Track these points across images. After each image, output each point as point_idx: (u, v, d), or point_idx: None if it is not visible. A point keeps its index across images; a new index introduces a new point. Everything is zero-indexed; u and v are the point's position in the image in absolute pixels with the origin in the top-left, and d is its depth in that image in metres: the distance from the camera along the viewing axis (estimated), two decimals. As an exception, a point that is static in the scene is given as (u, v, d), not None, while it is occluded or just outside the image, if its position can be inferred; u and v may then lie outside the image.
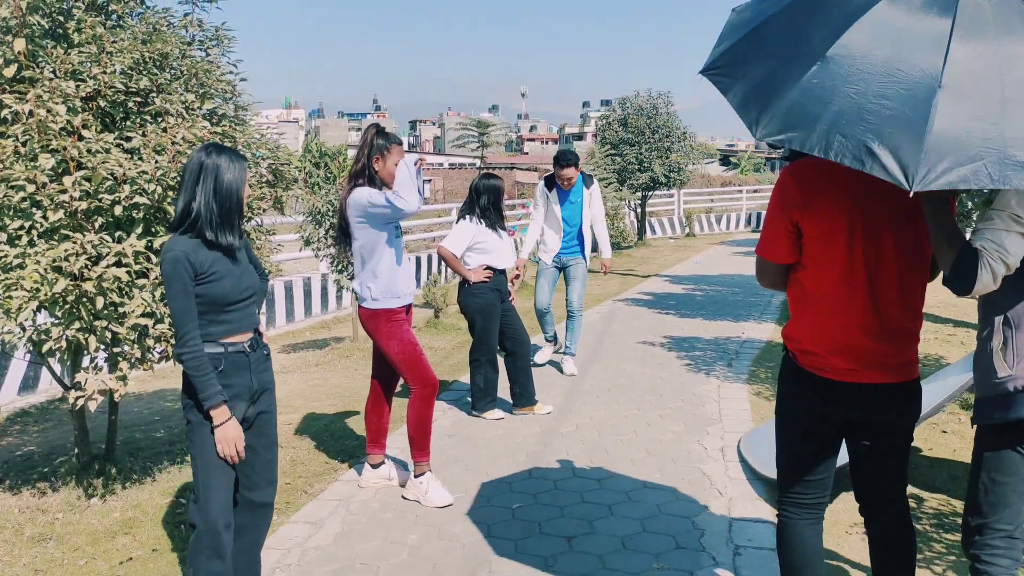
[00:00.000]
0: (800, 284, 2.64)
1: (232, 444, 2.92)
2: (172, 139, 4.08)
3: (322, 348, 8.92)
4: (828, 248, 2.51)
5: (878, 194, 2.45)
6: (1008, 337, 2.40)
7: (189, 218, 2.95)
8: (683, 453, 5.16)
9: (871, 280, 2.50)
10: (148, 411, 6.51)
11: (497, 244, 6.03)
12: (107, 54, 4.16)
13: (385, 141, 4.37)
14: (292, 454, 5.25)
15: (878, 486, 2.72)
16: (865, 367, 2.54)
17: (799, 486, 2.75)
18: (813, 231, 2.52)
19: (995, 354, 2.42)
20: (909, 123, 1.95)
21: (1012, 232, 2.24)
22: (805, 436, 2.71)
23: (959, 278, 2.27)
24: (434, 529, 4.12)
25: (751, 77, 2.23)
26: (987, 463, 2.46)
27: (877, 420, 2.61)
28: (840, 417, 2.64)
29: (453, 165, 67.21)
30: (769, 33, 2.28)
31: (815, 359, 2.60)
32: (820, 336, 2.58)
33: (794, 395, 2.73)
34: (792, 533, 2.77)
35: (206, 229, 2.94)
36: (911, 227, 2.48)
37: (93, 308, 3.81)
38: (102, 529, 4.10)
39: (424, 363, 4.46)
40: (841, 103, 2.03)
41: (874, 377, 2.55)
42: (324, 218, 8.52)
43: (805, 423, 2.70)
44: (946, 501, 4.33)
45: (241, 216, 3.07)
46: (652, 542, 3.93)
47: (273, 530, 4.07)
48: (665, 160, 20.12)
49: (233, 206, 2.99)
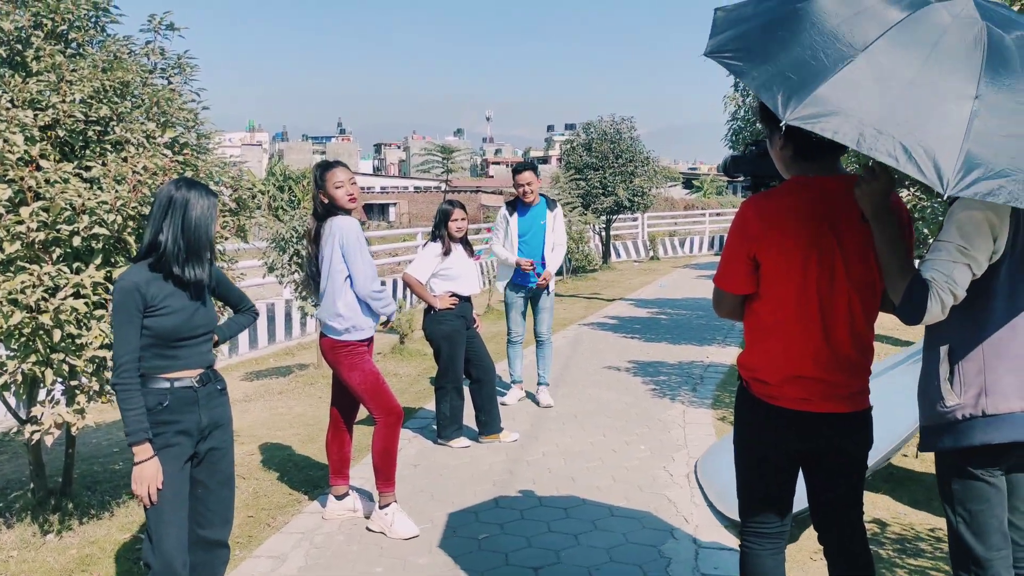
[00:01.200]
0: (755, 314, 2.68)
1: (145, 485, 2.85)
2: (133, 168, 4.03)
3: (286, 375, 8.82)
4: (784, 280, 2.56)
5: (835, 229, 2.50)
6: (955, 366, 2.42)
7: (156, 252, 2.92)
8: (649, 479, 5.16)
9: (824, 312, 2.54)
10: (107, 442, 6.38)
11: (462, 271, 6.03)
12: (66, 83, 4.11)
13: (322, 170, 4.45)
14: (255, 485, 5.18)
15: (834, 513, 2.74)
16: (817, 397, 2.58)
17: (759, 515, 2.77)
18: (769, 263, 2.56)
19: (943, 384, 2.44)
20: (944, 127, 2.03)
21: (959, 263, 2.28)
22: (760, 464, 2.73)
23: (911, 308, 2.32)
24: (400, 561, 4.07)
25: (776, 63, 2.22)
26: (957, 495, 2.48)
27: (830, 449, 2.65)
28: (793, 446, 2.67)
29: (419, 188, 67.19)
30: (797, 24, 2.28)
31: (769, 388, 2.64)
32: (773, 365, 2.63)
33: (748, 423, 2.76)
34: (755, 564, 2.78)
35: (173, 264, 2.92)
36: (864, 262, 2.52)
37: (50, 341, 3.73)
38: (58, 567, 3.99)
39: (387, 392, 4.43)
40: (878, 100, 2.08)
41: (826, 407, 2.59)
42: (288, 244, 8.46)
43: (760, 451, 2.73)
44: (909, 526, 4.38)
45: (211, 252, 3.04)
46: (619, 572, 3.92)
47: (235, 565, 4.00)
48: (629, 184, 20.31)
49: (201, 242, 2.96)
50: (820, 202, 2.52)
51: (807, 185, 2.55)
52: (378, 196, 56.65)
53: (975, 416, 2.38)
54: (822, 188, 2.53)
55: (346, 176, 4.40)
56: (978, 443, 2.37)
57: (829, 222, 2.48)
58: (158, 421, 2.92)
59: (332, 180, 4.37)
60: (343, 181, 4.37)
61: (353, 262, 4.34)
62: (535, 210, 7.01)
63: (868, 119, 2.05)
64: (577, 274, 19.27)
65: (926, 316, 2.30)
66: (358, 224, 4.42)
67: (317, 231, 4.44)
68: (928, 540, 4.19)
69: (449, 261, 5.99)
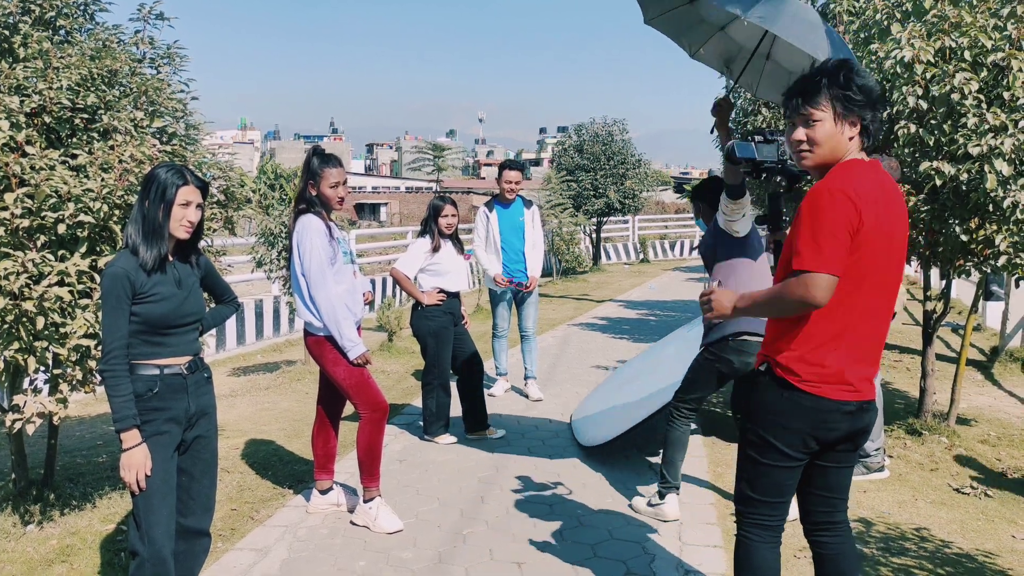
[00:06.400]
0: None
1: (134, 472, 2.84)
2: (120, 157, 4.00)
3: (273, 371, 8.78)
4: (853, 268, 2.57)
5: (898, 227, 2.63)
6: (721, 282, 3.86)
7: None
8: (634, 476, 5.16)
9: (883, 300, 2.65)
10: (90, 435, 6.34)
11: (451, 267, 6.02)
12: (54, 70, 4.07)
13: (319, 165, 4.33)
14: (239, 479, 5.15)
15: (833, 503, 2.78)
16: (865, 385, 2.63)
17: (768, 508, 2.74)
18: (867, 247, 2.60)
19: None
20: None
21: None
22: (785, 457, 2.67)
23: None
24: (383, 555, 4.05)
25: None
26: (699, 365, 4.39)
27: (849, 436, 2.67)
28: (832, 435, 2.63)
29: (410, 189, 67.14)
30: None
31: (822, 374, 2.59)
32: (834, 354, 2.60)
33: (779, 411, 2.66)
34: (757, 555, 2.76)
35: (137, 247, 2.91)
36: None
37: (33, 328, 3.70)
38: (38, 557, 3.96)
39: (372, 387, 4.39)
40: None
41: (869, 395, 2.64)
42: (277, 239, 8.42)
43: (788, 440, 2.65)
44: (894, 525, 4.38)
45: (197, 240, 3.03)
46: (603, 568, 3.91)
47: (217, 557, 3.98)
48: (620, 186, 20.34)
49: (154, 224, 2.93)
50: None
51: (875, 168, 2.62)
52: (369, 196, 56.57)
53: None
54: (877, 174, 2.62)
55: (342, 178, 4.37)
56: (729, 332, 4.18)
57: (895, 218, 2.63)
58: (148, 408, 2.91)
59: (329, 179, 4.30)
60: (339, 182, 4.34)
61: (307, 269, 4.22)
62: (513, 208, 7.18)
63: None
64: (567, 275, 19.27)
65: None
66: (323, 227, 4.26)
67: (292, 224, 4.38)
68: (912, 539, 4.20)
69: (438, 257, 5.98)
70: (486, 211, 7.20)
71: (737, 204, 4.15)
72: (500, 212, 7.15)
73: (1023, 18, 4.91)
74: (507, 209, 7.16)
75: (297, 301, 4.37)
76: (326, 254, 4.21)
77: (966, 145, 4.82)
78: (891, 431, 5.98)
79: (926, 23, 5.17)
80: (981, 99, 4.91)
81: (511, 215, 7.16)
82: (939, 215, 5.24)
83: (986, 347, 9.44)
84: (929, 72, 4.99)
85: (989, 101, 4.98)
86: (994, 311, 10.57)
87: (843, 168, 2.55)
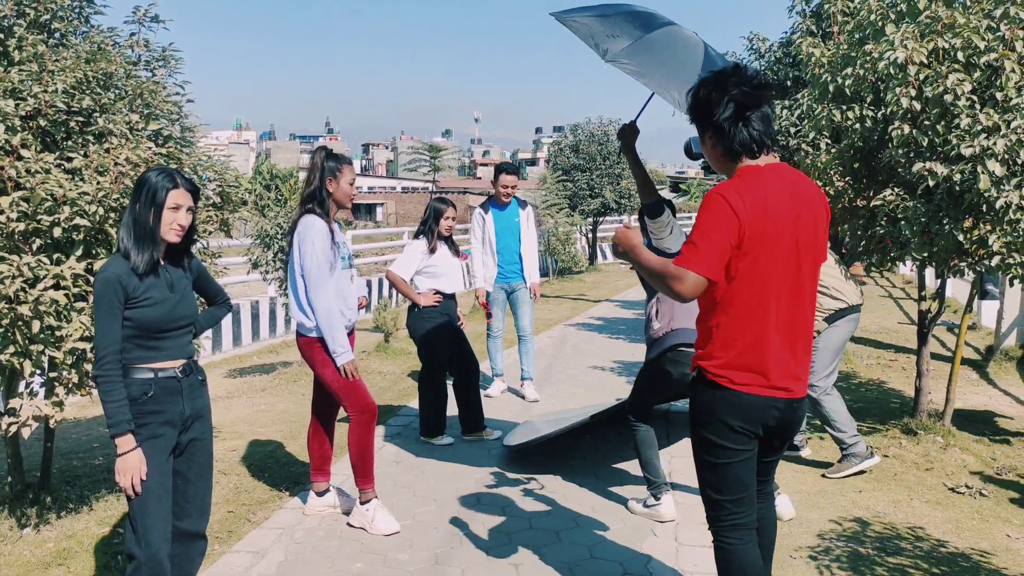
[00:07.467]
0: (732, 303, 2.77)
1: (129, 476, 2.85)
2: (115, 160, 4.00)
3: (269, 373, 8.78)
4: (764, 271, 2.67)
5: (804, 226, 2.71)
6: (658, 306, 4.54)
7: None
8: (630, 477, 5.17)
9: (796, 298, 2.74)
10: (87, 437, 6.34)
11: (447, 268, 6.02)
12: (49, 73, 4.07)
13: (336, 163, 4.35)
14: (236, 481, 5.15)
15: (762, 483, 2.94)
16: (791, 383, 2.75)
17: (739, 506, 2.79)
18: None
19: (652, 317, 4.52)
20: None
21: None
22: (737, 452, 2.75)
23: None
24: (380, 557, 4.06)
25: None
26: (643, 377, 4.58)
27: (784, 428, 2.80)
28: (770, 423, 2.75)
29: (406, 189, 67.07)
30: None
31: (745, 381, 2.72)
32: (754, 355, 2.72)
33: (721, 412, 2.76)
34: (739, 558, 2.78)
35: (129, 252, 2.91)
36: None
37: (29, 332, 3.70)
38: (35, 560, 3.96)
39: (361, 388, 4.37)
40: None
41: (799, 392, 2.77)
42: (272, 241, 8.42)
43: (734, 439, 2.75)
44: (890, 525, 4.40)
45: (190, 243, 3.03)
46: (600, 568, 3.92)
47: (214, 560, 3.98)
48: (616, 186, 20.36)
49: (144, 228, 2.93)
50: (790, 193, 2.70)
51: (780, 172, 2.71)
52: (366, 196, 56.49)
53: (667, 332, 4.42)
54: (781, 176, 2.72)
55: (354, 176, 4.44)
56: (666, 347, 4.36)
57: (800, 219, 2.71)
58: (144, 411, 2.91)
59: (347, 176, 4.36)
60: (354, 180, 4.41)
61: (307, 270, 4.24)
62: (509, 209, 7.25)
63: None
64: (563, 275, 19.28)
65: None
66: (327, 230, 4.27)
67: (294, 223, 4.38)
68: (908, 539, 4.21)
69: (434, 258, 5.98)
70: (481, 212, 7.24)
71: (656, 223, 4.27)
72: (496, 213, 7.20)
73: (1016, 19, 4.93)
74: (503, 211, 7.22)
75: (291, 300, 4.38)
76: (326, 257, 4.22)
77: (959, 146, 4.83)
78: (886, 430, 6.00)
79: (920, 24, 5.18)
80: (974, 100, 4.92)
81: (507, 216, 7.21)
82: (934, 215, 5.26)
83: (981, 346, 9.47)
84: (923, 73, 5.00)
85: (982, 102, 5.00)
86: (989, 310, 10.59)
87: (736, 176, 2.70)
